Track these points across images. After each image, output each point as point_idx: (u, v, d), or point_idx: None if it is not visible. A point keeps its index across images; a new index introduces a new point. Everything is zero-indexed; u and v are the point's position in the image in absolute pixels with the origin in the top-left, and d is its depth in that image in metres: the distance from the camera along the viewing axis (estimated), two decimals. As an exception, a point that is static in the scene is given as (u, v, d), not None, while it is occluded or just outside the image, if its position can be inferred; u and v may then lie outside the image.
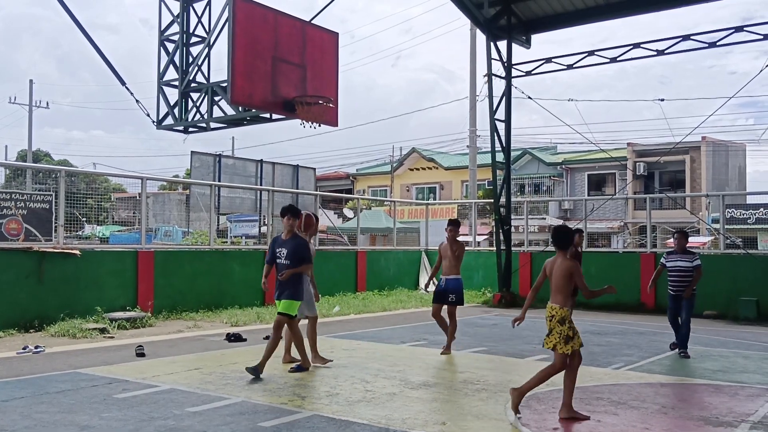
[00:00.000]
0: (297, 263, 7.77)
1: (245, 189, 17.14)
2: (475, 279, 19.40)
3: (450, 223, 9.94)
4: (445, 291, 9.59)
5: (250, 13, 10.96)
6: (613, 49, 16.80)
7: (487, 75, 17.58)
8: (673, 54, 16.24)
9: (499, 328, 12.57)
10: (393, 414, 6.01)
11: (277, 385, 7.14)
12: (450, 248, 9.69)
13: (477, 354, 9.59)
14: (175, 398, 6.53)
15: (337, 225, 24.26)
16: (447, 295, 9.58)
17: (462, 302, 9.78)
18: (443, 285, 9.64)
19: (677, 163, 35.35)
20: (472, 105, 27.13)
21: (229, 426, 5.57)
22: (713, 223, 22.13)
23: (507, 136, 17.67)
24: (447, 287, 9.60)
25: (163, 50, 11.92)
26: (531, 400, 6.59)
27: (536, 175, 39.79)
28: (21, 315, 10.99)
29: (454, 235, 9.78)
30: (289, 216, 7.85)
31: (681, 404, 6.65)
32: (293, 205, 8.70)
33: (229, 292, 14.40)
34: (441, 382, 7.40)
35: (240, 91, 10.76)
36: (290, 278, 7.75)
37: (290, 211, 7.93)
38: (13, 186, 19.73)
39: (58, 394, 6.63)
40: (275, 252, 7.91)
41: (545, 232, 35.60)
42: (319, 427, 5.54)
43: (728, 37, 15.41)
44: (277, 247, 7.91)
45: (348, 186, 48.84)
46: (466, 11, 17.46)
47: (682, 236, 9.88)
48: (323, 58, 12.11)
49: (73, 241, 13.37)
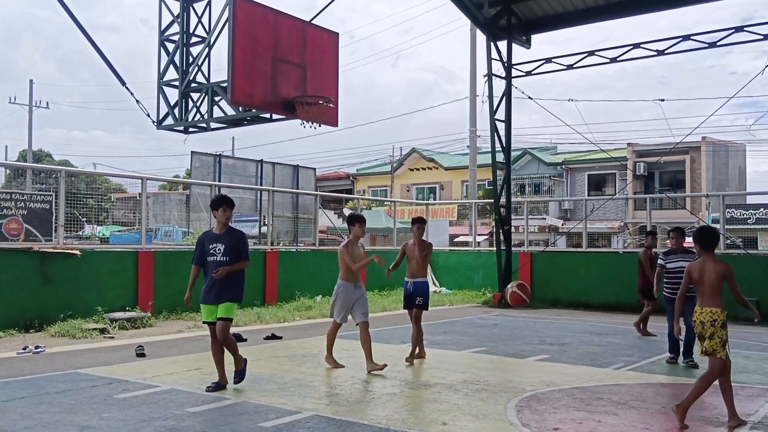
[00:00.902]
0: (236, 259, 6.92)
1: (245, 189, 17.14)
2: (475, 279, 19.40)
3: (416, 222, 9.20)
4: (413, 294, 8.87)
5: (250, 13, 10.96)
6: (613, 49, 16.80)
7: (488, 75, 17.57)
8: (673, 54, 16.24)
9: (499, 329, 12.57)
10: (393, 414, 6.01)
11: (278, 386, 7.14)
12: (417, 248, 8.96)
13: (477, 354, 9.59)
14: (176, 398, 6.53)
15: (338, 225, 24.21)
16: (415, 299, 8.85)
17: (428, 307, 9.01)
18: (410, 288, 8.89)
19: (677, 163, 35.36)
20: (473, 105, 27.14)
21: (230, 426, 5.57)
22: (713, 224, 22.11)
23: (507, 136, 17.67)
24: (415, 290, 8.87)
25: (163, 50, 11.92)
26: (531, 401, 6.59)
27: (536, 175, 39.80)
28: (21, 315, 10.98)
29: (421, 233, 9.12)
30: (225, 207, 6.99)
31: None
32: (227, 195, 7.92)
33: (230, 292, 14.37)
34: (441, 383, 7.40)
35: (240, 91, 10.76)
36: (231, 277, 6.89)
37: (226, 201, 7.08)
38: (14, 186, 19.73)
39: (58, 395, 6.63)
40: (207, 249, 6.93)
41: (545, 232, 35.62)
42: (319, 428, 5.54)
43: (728, 37, 15.41)
44: (210, 243, 6.93)
45: (348, 186, 48.85)
46: (466, 11, 17.46)
47: (681, 234, 9.20)
48: (323, 58, 12.11)
49: (73, 242, 13.37)
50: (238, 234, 7.10)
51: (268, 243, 16.43)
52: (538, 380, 7.63)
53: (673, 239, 9.14)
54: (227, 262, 6.85)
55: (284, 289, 15.65)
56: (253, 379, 7.44)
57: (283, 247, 17.34)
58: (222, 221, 7.00)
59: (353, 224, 8.30)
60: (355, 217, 8.49)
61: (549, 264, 18.00)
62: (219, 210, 6.99)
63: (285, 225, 18.02)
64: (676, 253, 8.99)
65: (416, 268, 8.92)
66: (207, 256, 6.92)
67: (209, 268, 6.89)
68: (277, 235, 17.61)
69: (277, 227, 17.49)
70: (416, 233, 9.05)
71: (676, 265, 8.84)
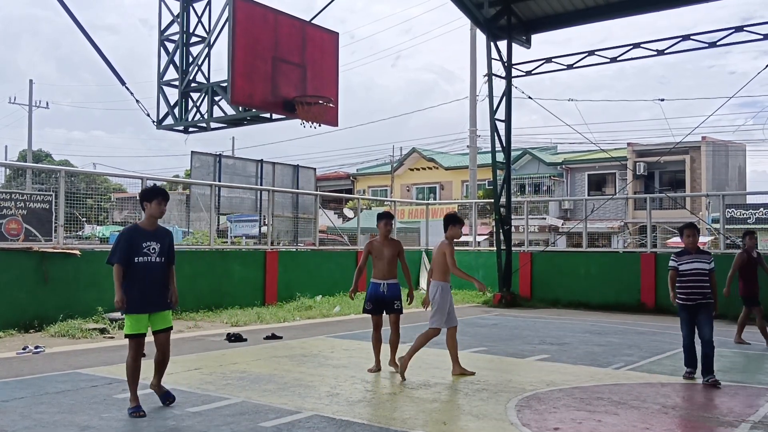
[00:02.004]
0: (169, 263, 6.27)
1: (245, 189, 17.14)
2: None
3: (384, 216, 8.20)
4: (389, 298, 7.98)
5: (250, 13, 10.95)
6: (613, 48, 16.81)
7: (488, 75, 17.58)
8: (672, 54, 16.24)
9: (499, 328, 12.56)
10: (393, 414, 6.01)
11: (278, 386, 7.13)
12: (387, 247, 8.06)
13: (477, 354, 9.58)
14: (175, 398, 6.51)
15: (338, 225, 24.24)
16: (392, 303, 7.99)
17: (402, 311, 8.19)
18: (384, 291, 7.96)
19: (677, 163, 35.35)
20: (473, 105, 27.12)
21: (230, 426, 5.56)
22: (713, 223, 22.12)
23: (507, 135, 17.67)
24: (391, 293, 7.98)
25: (163, 50, 11.91)
26: (532, 400, 6.59)
27: (536, 175, 39.78)
28: (21, 315, 10.97)
29: (389, 230, 8.20)
30: (160, 200, 6.19)
31: (682, 404, 6.64)
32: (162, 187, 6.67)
33: (230, 292, 14.40)
34: (441, 382, 7.40)
35: (240, 91, 10.75)
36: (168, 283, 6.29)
37: (161, 193, 6.27)
38: (13, 186, 19.73)
39: (57, 395, 6.63)
40: (139, 247, 6.04)
41: (545, 232, 35.61)
42: (319, 427, 5.54)
43: (728, 37, 15.41)
44: (145, 241, 6.08)
45: (348, 186, 48.84)
46: (466, 11, 17.46)
47: (695, 231, 8.01)
48: (323, 58, 12.10)
49: (73, 242, 13.36)
50: (170, 233, 6.42)
51: (268, 243, 16.43)
52: (538, 380, 7.62)
53: (689, 237, 7.94)
54: (162, 264, 6.15)
55: (284, 289, 15.65)
56: (253, 379, 7.43)
57: (283, 247, 17.34)
58: (156, 216, 6.21)
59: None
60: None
61: (549, 264, 17.99)
62: (153, 202, 6.15)
63: (285, 225, 18.02)
64: (691, 254, 7.87)
65: (387, 269, 8.00)
66: (137, 256, 6.02)
67: (140, 269, 6.02)
68: (277, 234, 17.61)
69: (277, 227, 17.49)
70: (385, 230, 8.11)
71: (691, 267, 7.76)
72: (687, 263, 7.79)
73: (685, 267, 7.77)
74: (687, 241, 7.96)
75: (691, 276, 7.73)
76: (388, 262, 8.00)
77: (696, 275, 7.71)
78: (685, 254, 7.89)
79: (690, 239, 7.94)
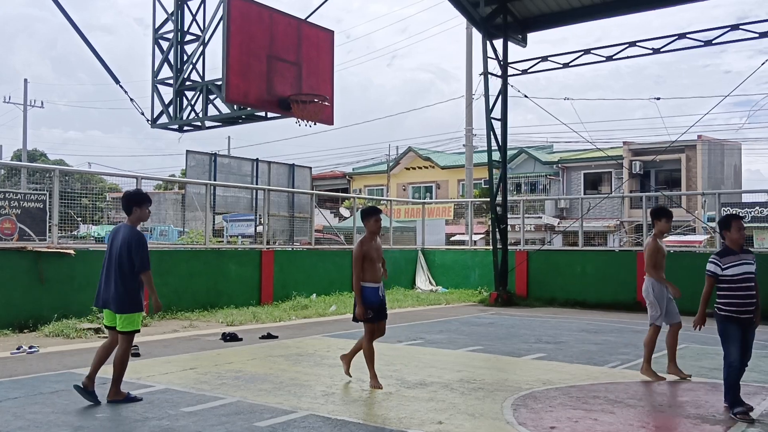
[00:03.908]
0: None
1: (241, 188, 17.09)
2: (472, 278, 19.40)
3: (375, 212, 7.29)
4: (384, 303, 7.31)
5: (245, 11, 10.91)
6: (608, 47, 16.82)
7: (483, 74, 17.57)
8: (668, 53, 16.25)
9: (496, 327, 12.56)
10: (389, 413, 5.99)
11: (273, 385, 7.11)
12: (378, 246, 7.24)
13: (473, 353, 9.56)
14: (170, 398, 6.49)
15: (334, 224, 24.19)
16: (385, 308, 7.38)
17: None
18: (382, 296, 7.24)
19: (673, 161, 35.40)
20: (469, 104, 27.12)
21: (225, 426, 5.53)
22: (709, 222, 22.15)
23: (503, 134, 17.67)
24: (383, 298, 7.29)
25: (158, 48, 11.86)
26: (528, 399, 6.58)
27: (532, 174, 39.80)
28: (15, 315, 10.93)
29: (380, 228, 7.37)
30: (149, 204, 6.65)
31: (678, 402, 6.63)
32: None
33: (225, 291, 14.37)
34: (437, 381, 7.38)
35: (235, 89, 10.71)
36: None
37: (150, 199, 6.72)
38: (8, 185, 19.65)
39: (52, 395, 6.59)
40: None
41: (541, 230, 35.63)
42: (314, 427, 5.51)
43: (724, 35, 15.43)
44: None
45: (344, 185, 48.80)
46: (462, 10, 17.45)
47: (741, 223, 6.36)
48: (319, 56, 12.07)
49: (67, 241, 13.30)
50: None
51: (263, 242, 16.40)
52: (534, 379, 7.61)
53: (740, 231, 6.29)
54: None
55: (280, 288, 15.63)
56: (249, 379, 7.41)
57: (278, 246, 17.30)
58: (145, 220, 6.76)
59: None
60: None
61: (545, 262, 18.00)
62: (144, 207, 6.58)
63: (281, 224, 17.98)
64: (737, 254, 6.25)
65: (380, 270, 7.23)
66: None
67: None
68: (273, 234, 17.57)
69: (273, 226, 17.45)
70: (377, 227, 7.27)
71: (740, 271, 6.17)
72: (734, 266, 6.18)
73: (734, 271, 6.16)
74: (736, 237, 6.30)
75: (742, 283, 6.15)
76: (380, 263, 7.27)
77: (748, 282, 6.16)
78: (730, 254, 6.24)
79: (740, 234, 6.31)
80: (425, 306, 16.66)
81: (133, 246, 6.30)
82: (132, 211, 6.48)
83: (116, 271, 6.32)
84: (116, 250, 6.36)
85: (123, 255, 6.31)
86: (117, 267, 6.32)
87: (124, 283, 6.31)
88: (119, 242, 6.36)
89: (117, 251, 6.35)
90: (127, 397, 6.33)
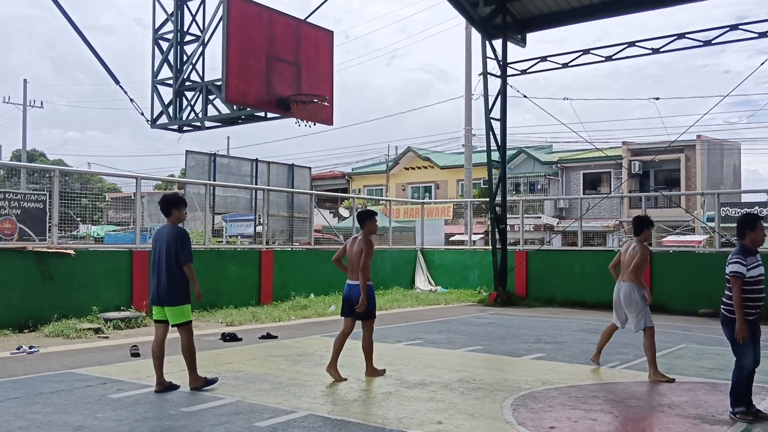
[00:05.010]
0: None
1: (240, 188, 17.09)
2: (471, 278, 19.41)
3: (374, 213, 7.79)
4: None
5: (244, 11, 10.92)
6: (607, 47, 16.82)
7: (483, 74, 17.58)
8: (667, 53, 16.25)
9: (495, 327, 12.57)
10: (389, 413, 5.99)
11: (273, 385, 7.11)
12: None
13: (473, 353, 9.57)
14: (170, 398, 6.50)
15: (333, 224, 24.20)
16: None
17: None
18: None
19: (672, 161, 35.40)
20: (468, 104, 27.13)
21: (224, 426, 5.54)
22: (708, 222, 22.16)
23: (502, 134, 17.68)
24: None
25: (157, 49, 11.86)
26: (527, 399, 6.59)
27: (531, 174, 39.80)
28: (15, 315, 10.94)
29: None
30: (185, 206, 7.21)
31: (677, 402, 6.64)
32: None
33: (225, 291, 14.37)
34: (437, 381, 7.39)
35: (234, 89, 10.71)
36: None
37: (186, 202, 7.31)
38: (7, 186, 19.65)
39: (52, 395, 6.60)
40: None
41: (541, 230, 35.63)
42: (314, 427, 5.52)
43: (723, 35, 15.44)
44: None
45: (344, 185, 48.78)
46: (462, 10, 17.46)
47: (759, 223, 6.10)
48: (318, 57, 12.07)
49: (67, 241, 13.31)
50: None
51: (263, 242, 16.40)
52: (533, 379, 7.62)
53: (762, 231, 6.10)
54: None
55: (279, 288, 15.63)
56: (248, 379, 7.41)
57: (278, 246, 17.30)
58: (183, 220, 7.22)
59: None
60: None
61: (544, 262, 18.00)
62: (182, 208, 7.10)
63: (280, 224, 17.97)
64: (754, 254, 6.04)
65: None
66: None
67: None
68: (273, 234, 17.57)
69: (273, 226, 17.45)
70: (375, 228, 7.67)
71: (758, 272, 5.96)
72: (755, 267, 5.96)
73: (754, 272, 5.93)
74: (761, 237, 6.07)
75: (758, 285, 5.94)
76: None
77: (761, 282, 5.96)
78: (751, 254, 6.00)
79: (764, 234, 6.10)
80: (424, 306, 16.67)
81: (178, 240, 6.82)
82: (171, 213, 7.01)
83: (164, 267, 6.81)
84: (162, 248, 6.85)
85: (169, 251, 6.80)
86: (165, 263, 6.81)
87: (171, 277, 6.80)
88: (164, 240, 6.86)
89: (163, 249, 6.84)
90: (206, 381, 6.92)
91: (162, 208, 7.06)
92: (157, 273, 6.88)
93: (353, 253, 7.51)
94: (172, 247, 6.81)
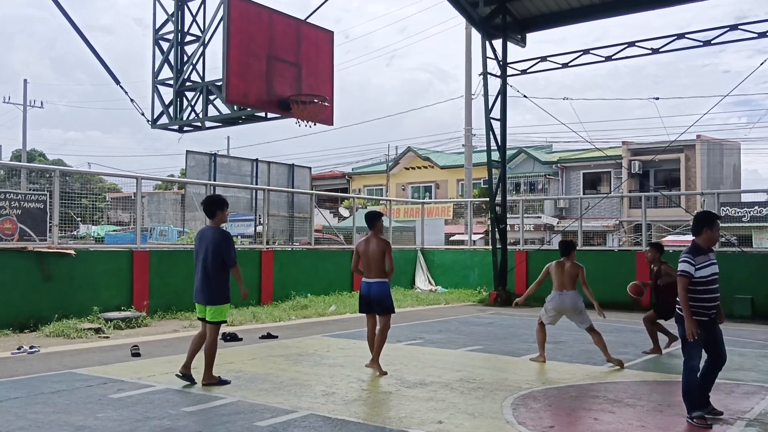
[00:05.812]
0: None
1: (241, 188, 17.09)
2: (471, 278, 19.42)
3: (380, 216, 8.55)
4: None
5: (244, 12, 10.92)
6: (607, 47, 16.83)
7: (483, 74, 17.59)
8: (667, 53, 16.26)
9: (495, 327, 12.58)
10: (389, 413, 6.01)
11: (273, 385, 7.12)
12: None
13: (473, 352, 9.59)
14: (171, 398, 6.51)
15: (333, 224, 24.20)
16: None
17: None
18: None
19: (672, 161, 35.41)
20: (468, 104, 27.14)
21: (225, 426, 5.55)
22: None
23: (502, 134, 17.69)
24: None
25: (158, 49, 11.86)
26: (527, 399, 6.60)
27: (531, 174, 39.80)
28: (16, 315, 10.94)
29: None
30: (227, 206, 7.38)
31: (677, 402, 6.64)
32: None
33: (225, 291, 14.35)
34: (437, 381, 7.40)
35: (235, 89, 10.72)
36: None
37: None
38: (8, 186, 19.64)
39: (53, 395, 6.60)
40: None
41: (541, 230, 35.65)
42: (314, 427, 5.53)
43: (723, 35, 15.45)
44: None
45: (344, 185, 48.78)
46: (462, 10, 17.46)
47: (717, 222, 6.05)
48: (318, 57, 12.08)
49: (68, 241, 13.31)
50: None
51: (263, 242, 16.41)
52: (533, 378, 7.64)
53: (718, 230, 6.06)
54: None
55: (280, 288, 15.64)
56: (249, 379, 7.42)
57: (278, 246, 17.32)
58: (225, 221, 7.40)
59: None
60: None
61: (544, 262, 17.76)
62: (225, 210, 7.23)
63: (280, 224, 17.98)
64: (707, 253, 5.92)
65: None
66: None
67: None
68: (273, 234, 17.58)
69: (273, 226, 17.45)
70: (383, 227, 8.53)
71: (709, 271, 5.84)
72: (706, 266, 5.83)
73: (705, 272, 5.82)
74: (715, 236, 6.02)
75: (711, 285, 5.84)
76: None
77: (715, 282, 5.88)
78: (701, 253, 5.89)
79: (718, 233, 6.14)
80: (425, 306, 16.68)
81: (223, 244, 7.01)
82: (215, 214, 7.14)
83: (207, 267, 7.00)
84: (205, 250, 7.03)
85: (215, 253, 6.98)
86: (210, 264, 6.99)
87: (213, 278, 6.99)
88: (207, 242, 7.04)
89: (209, 250, 7.00)
90: (219, 380, 7.05)
91: (205, 209, 7.20)
92: (201, 273, 7.05)
93: (370, 252, 7.94)
94: (217, 249, 6.98)
